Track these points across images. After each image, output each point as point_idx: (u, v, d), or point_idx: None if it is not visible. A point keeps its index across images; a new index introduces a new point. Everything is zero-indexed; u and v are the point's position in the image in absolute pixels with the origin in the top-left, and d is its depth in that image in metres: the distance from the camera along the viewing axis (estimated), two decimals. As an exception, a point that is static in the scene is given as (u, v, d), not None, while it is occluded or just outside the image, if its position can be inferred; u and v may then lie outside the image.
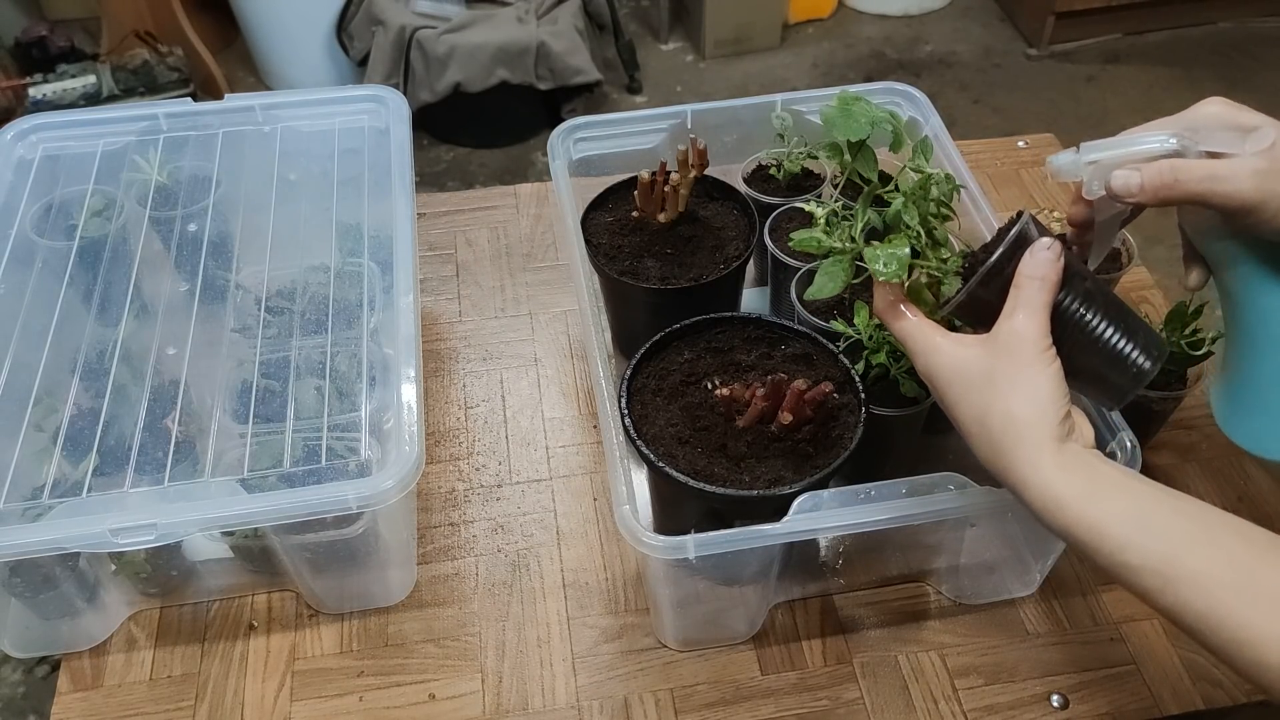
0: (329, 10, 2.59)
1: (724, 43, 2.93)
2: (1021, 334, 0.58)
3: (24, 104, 2.42)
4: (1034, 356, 0.58)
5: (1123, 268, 0.96)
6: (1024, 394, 0.57)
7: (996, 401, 0.58)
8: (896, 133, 0.77)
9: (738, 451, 0.74)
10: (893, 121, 0.80)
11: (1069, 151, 0.66)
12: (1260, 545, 0.52)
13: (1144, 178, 0.61)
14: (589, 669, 0.83)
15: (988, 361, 0.59)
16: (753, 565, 0.76)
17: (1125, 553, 0.54)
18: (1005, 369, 0.58)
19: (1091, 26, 2.90)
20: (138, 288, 0.88)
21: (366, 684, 0.82)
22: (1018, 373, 0.58)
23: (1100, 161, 0.64)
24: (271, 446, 0.76)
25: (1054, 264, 0.59)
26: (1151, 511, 0.55)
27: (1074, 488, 0.56)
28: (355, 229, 0.91)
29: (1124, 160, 0.63)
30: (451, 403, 1.02)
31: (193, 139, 0.98)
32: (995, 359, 0.58)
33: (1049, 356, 0.58)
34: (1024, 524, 0.82)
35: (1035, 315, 0.58)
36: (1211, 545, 0.53)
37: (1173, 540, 0.53)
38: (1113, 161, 0.64)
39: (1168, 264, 2.33)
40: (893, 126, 0.80)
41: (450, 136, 2.68)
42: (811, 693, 0.81)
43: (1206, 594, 0.51)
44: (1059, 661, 0.83)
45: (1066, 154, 0.66)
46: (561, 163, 0.96)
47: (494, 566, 0.89)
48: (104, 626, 0.84)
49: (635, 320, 0.98)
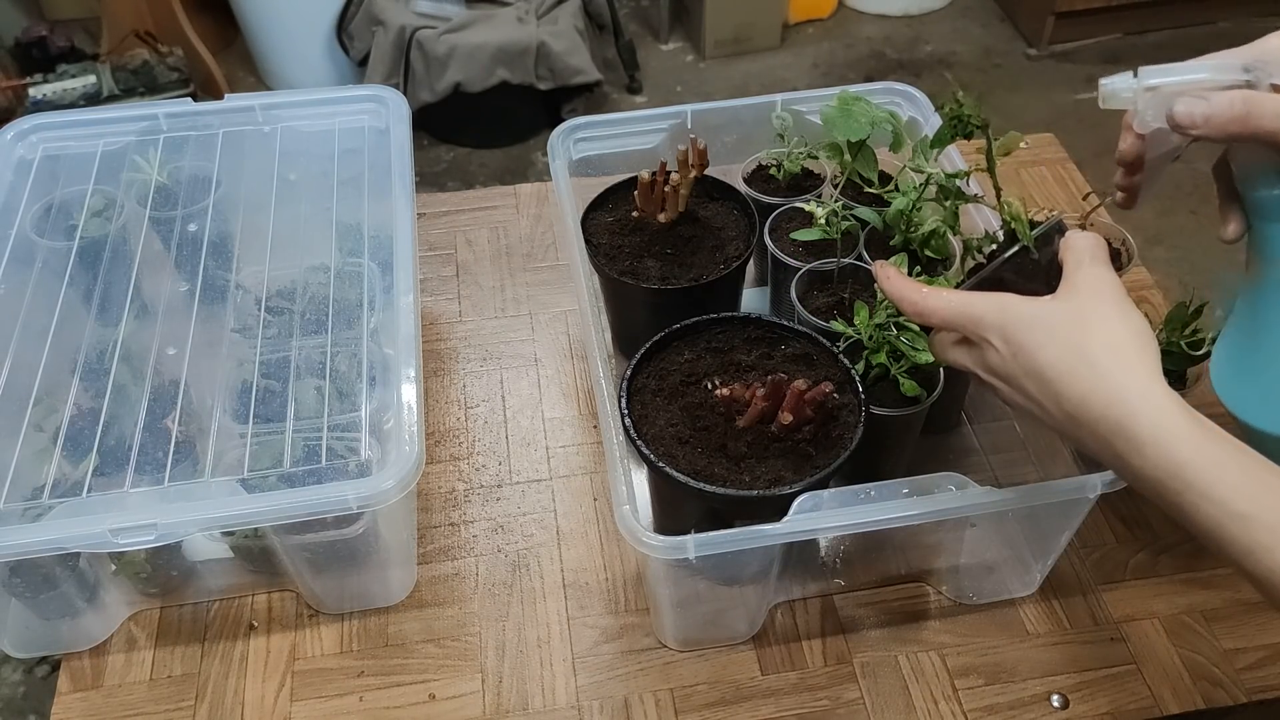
0: (329, 10, 2.59)
1: (724, 43, 2.93)
2: (1103, 277, 0.57)
3: (24, 104, 2.42)
4: (1123, 296, 0.57)
5: (1123, 268, 0.96)
6: (1126, 325, 0.55)
7: (1095, 335, 0.55)
8: (896, 133, 0.77)
9: (738, 451, 0.74)
10: (893, 121, 0.80)
11: (1124, 75, 0.60)
12: None
13: (1211, 108, 0.56)
14: (589, 669, 0.83)
15: (1072, 303, 0.57)
16: (753, 565, 0.76)
17: (1236, 500, 0.50)
18: (1096, 306, 0.56)
19: (1091, 26, 2.90)
20: (138, 288, 0.88)
21: (366, 684, 0.82)
22: (1112, 308, 0.56)
23: (1161, 88, 0.59)
24: (271, 446, 0.76)
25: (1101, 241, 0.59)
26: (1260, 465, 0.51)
27: (1191, 424, 0.52)
28: (355, 229, 0.91)
29: (1188, 88, 0.57)
30: (451, 403, 1.02)
31: (193, 139, 0.98)
32: (1081, 300, 0.57)
33: (1132, 303, 0.57)
34: (1024, 524, 0.82)
35: (1107, 265, 0.58)
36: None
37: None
38: (1176, 88, 0.58)
39: (1168, 264, 2.33)
40: (893, 126, 0.80)
41: (450, 136, 2.68)
42: (811, 693, 0.81)
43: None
44: (1059, 661, 0.83)
45: (1122, 77, 0.60)
46: (561, 163, 0.96)
47: (494, 566, 0.89)
48: (104, 626, 0.84)
49: (635, 320, 0.98)
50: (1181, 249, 2.39)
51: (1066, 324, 0.56)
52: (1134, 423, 0.53)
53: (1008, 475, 0.93)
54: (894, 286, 0.65)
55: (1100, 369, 0.54)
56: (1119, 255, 0.97)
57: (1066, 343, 0.56)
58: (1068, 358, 0.55)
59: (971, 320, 0.60)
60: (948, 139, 0.76)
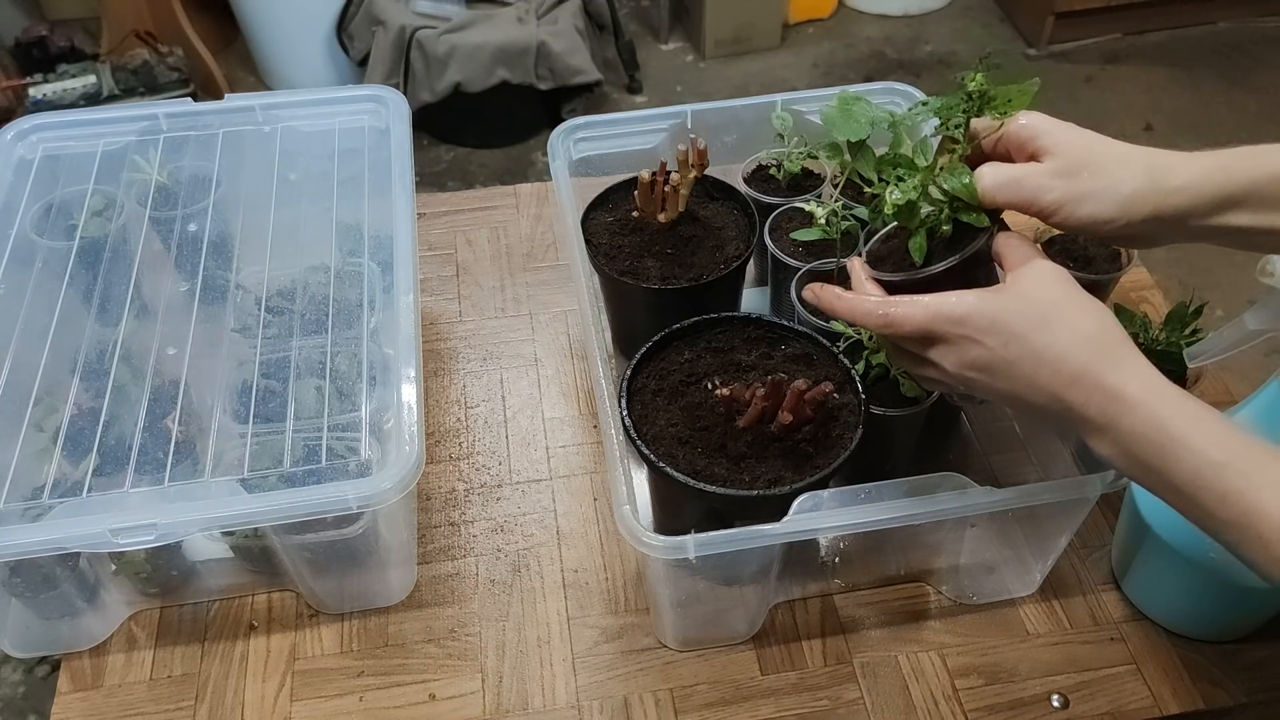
0: (329, 10, 2.59)
1: (724, 43, 2.93)
2: (1056, 268, 0.60)
3: (24, 104, 2.42)
4: (1076, 289, 0.59)
5: (1122, 268, 0.96)
6: (1097, 308, 0.59)
7: (1085, 316, 0.59)
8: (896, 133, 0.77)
9: (738, 451, 0.74)
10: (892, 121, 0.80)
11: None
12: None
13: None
14: (589, 669, 0.83)
15: (1053, 292, 0.60)
16: (753, 565, 0.76)
17: (1212, 449, 0.54)
18: (1068, 293, 0.59)
19: (1091, 26, 2.90)
20: (138, 288, 0.88)
21: (366, 684, 0.82)
22: (1079, 294, 0.59)
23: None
24: (271, 446, 0.76)
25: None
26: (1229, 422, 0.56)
27: (1171, 385, 0.57)
28: (355, 229, 0.91)
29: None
30: (451, 403, 1.02)
31: (193, 139, 0.98)
32: (1052, 288, 0.60)
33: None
34: (1024, 524, 0.82)
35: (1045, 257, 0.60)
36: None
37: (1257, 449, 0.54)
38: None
39: (1167, 264, 2.33)
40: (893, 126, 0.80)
41: (450, 136, 2.68)
42: (811, 693, 0.81)
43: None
44: (1059, 661, 0.83)
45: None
46: (561, 163, 0.96)
47: (494, 566, 0.89)
48: (104, 626, 0.84)
49: (635, 320, 0.98)
50: (1181, 249, 2.39)
51: (1056, 308, 0.59)
52: (1126, 387, 0.57)
53: (1008, 475, 0.93)
54: (846, 305, 0.65)
55: (1096, 344, 0.58)
56: (1119, 255, 0.97)
57: (1060, 324, 0.59)
58: (1065, 336, 0.58)
59: (953, 321, 0.61)
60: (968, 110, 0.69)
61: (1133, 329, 0.88)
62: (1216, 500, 0.54)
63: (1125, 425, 0.57)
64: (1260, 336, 0.65)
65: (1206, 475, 0.54)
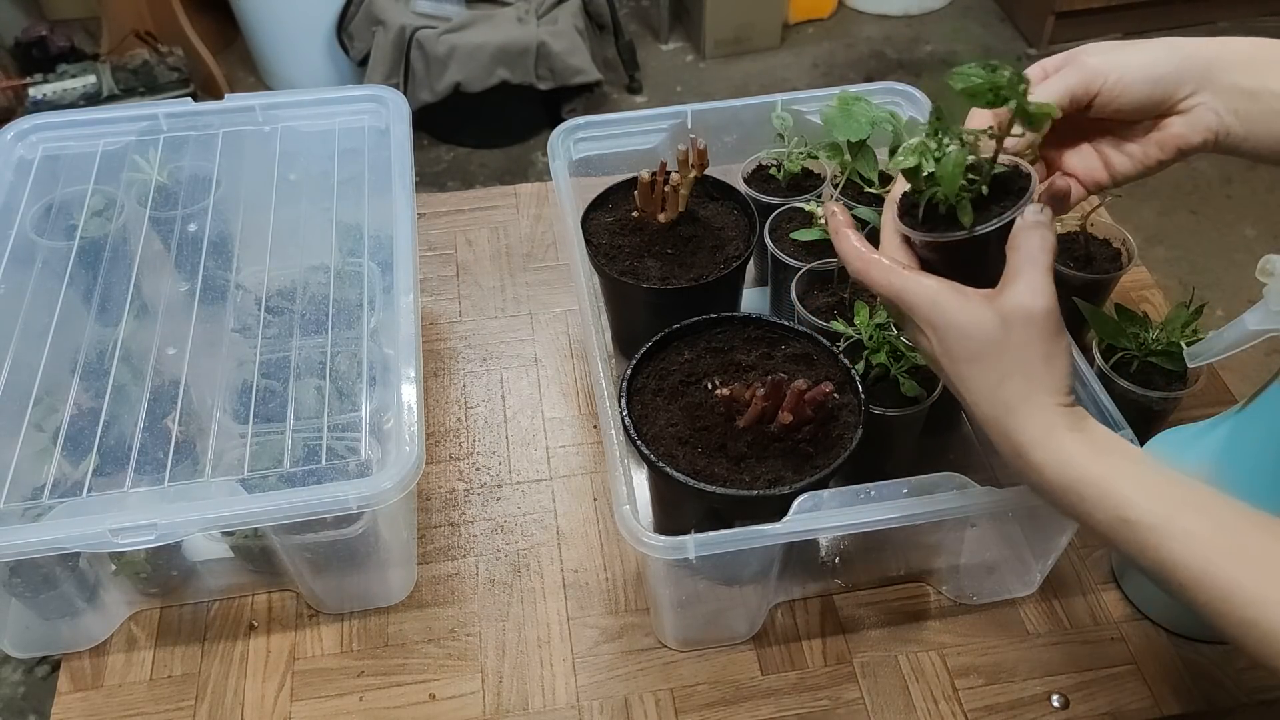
0: (329, 10, 2.59)
1: (724, 43, 2.93)
2: (1030, 309, 0.58)
3: (24, 104, 2.42)
4: (1053, 332, 0.58)
5: (1122, 268, 0.96)
6: (1039, 365, 0.58)
7: (1012, 371, 0.58)
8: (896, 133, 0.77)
9: (738, 451, 0.74)
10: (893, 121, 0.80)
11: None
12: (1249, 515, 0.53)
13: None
14: (589, 669, 0.83)
15: (1001, 333, 0.58)
16: (753, 565, 0.76)
17: (1126, 508, 0.55)
18: (1019, 342, 0.58)
19: (1091, 26, 2.90)
20: (138, 288, 0.88)
21: (366, 684, 0.82)
22: (1031, 345, 0.58)
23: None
24: (271, 446, 0.76)
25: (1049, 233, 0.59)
26: (1149, 471, 0.56)
27: (1083, 445, 0.57)
28: (355, 229, 0.91)
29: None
30: (451, 403, 1.02)
31: (193, 139, 0.98)
32: (1008, 332, 0.58)
33: (1060, 328, 0.58)
34: (1024, 524, 0.82)
35: (1046, 273, 0.58)
36: (1201, 510, 0.54)
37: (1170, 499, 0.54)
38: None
39: (1168, 264, 2.33)
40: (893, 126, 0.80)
41: (450, 136, 2.68)
42: (811, 693, 0.81)
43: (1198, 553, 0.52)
44: (1059, 661, 0.83)
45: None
46: (561, 163, 0.96)
47: (494, 566, 0.89)
48: (104, 626, 0.84)
49: (635, 320, 0.98)
50: (1181, 249, 2.39)
51: (991, 350, 0.58)
52: (1030, 452, 0.58)
53: (1008, 475, 0.93)
54: (840, 243, 0.64)
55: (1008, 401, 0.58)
56: (1119, 255, 0.97)
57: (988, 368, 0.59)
58: (985, 383, 0.59)
59: (906, 304, 0.61)
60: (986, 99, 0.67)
61: (1133, 329, 0.88)
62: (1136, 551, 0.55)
63: (1032, 480, 0.59)
64: (1260, 336, 0.65)
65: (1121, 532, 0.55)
